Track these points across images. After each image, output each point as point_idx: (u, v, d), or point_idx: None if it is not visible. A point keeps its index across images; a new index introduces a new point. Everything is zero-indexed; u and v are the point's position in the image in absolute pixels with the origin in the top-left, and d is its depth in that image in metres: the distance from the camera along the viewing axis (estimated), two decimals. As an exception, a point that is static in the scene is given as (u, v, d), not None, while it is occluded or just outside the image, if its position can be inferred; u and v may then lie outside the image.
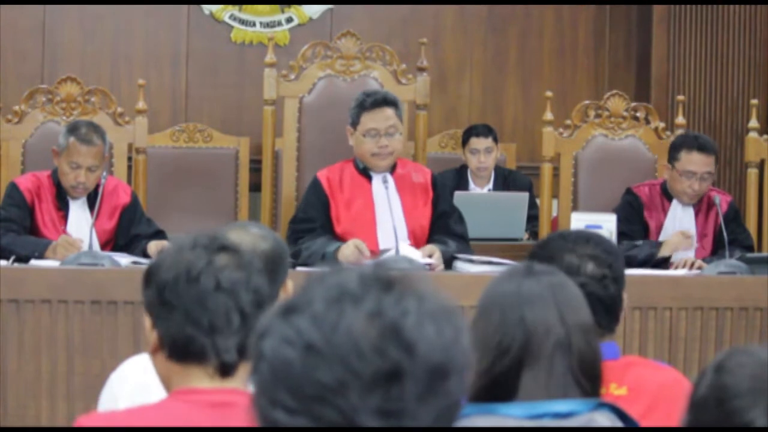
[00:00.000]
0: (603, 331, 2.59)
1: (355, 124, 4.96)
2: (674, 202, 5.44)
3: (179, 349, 2.11)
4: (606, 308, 2.59)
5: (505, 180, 6.75)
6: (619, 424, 2.06)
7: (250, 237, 2.77)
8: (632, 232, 5.36)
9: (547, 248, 2.63)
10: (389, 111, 4.94)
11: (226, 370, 2.11)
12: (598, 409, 2.05)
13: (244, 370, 2.10)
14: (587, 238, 2.65)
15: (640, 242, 5.29)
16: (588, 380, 2.08)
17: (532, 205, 6.30)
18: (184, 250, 2.13)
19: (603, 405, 2.06)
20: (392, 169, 5.00)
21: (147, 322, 2.15)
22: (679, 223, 5.43)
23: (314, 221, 4.94)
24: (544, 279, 2.12)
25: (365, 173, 5.00)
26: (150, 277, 2.14)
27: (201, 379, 2.12)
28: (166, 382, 2.17)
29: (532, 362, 2.04)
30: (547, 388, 2.05)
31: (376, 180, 4.98)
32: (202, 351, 2.10)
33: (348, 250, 4.72)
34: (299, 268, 4.62)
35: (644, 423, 2.54)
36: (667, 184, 5.44)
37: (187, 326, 2.09)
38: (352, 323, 1.30)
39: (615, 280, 2.61)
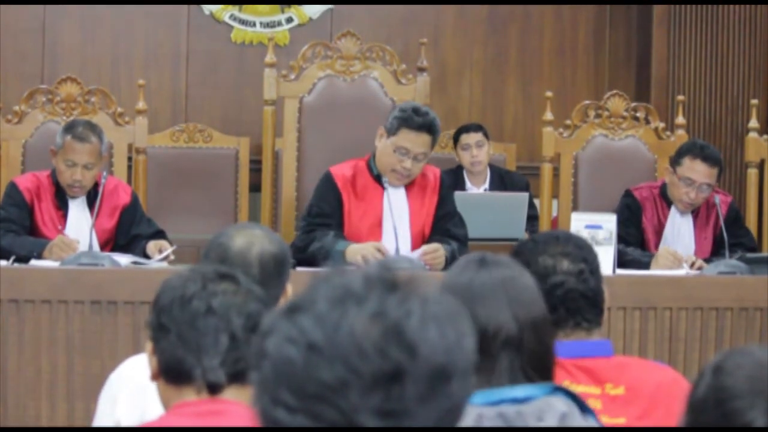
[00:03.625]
0: (590, 326, 2.58)
1: (390, 132, 4.86)
2: (673, 207, 5.43)
3: (172, 372, 2.17)
4: (590, 302, 2.57)
5: (501, 180, 6.75)
6: (575, 409, 2.08)
7: (257, 239, 2.78)
8: (628, 235, 5.33)
9: (521, 255, 2.61)
10: (428, 138, 4.85)
11: (213, 390, 2.14)
12: (553, 394, 2.07)
13: (233, 391, 2.14)
14: (556, 236, 2.64)
15: (630, 249, 5.24)
16: (538, 374, 2.10)
17: (530, 206, 6.30)
18: (182, 279, 2.20)
19: (558, 389, 2.08)
20: None
21: (149, 347, 2.19)
22: (678, 228, 5.41)
23: (329, 217, 4.89)
24: (496, 272, 2.13)
25: (378, 180, 4.95)
26: (153, 304, 2.21)
27: (188, 396, 2.16)
28: (166, 405, 2.21)
29: (484, 359, 2.05)
30: (491, 383, 2.06)
31: (389, 188, 4.93)
32: (190, 371, 2.15)
33: (366, 253, 4.66)
34: (299, 269, 4.62)
35: (644, 423, 2.54)
36: (667, 188, 5.42)
37: (179, 348, 2.16)
38: (354, 323, 1.31)
39: (592, 272, 2.59)
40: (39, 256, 4.72)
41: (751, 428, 1.57)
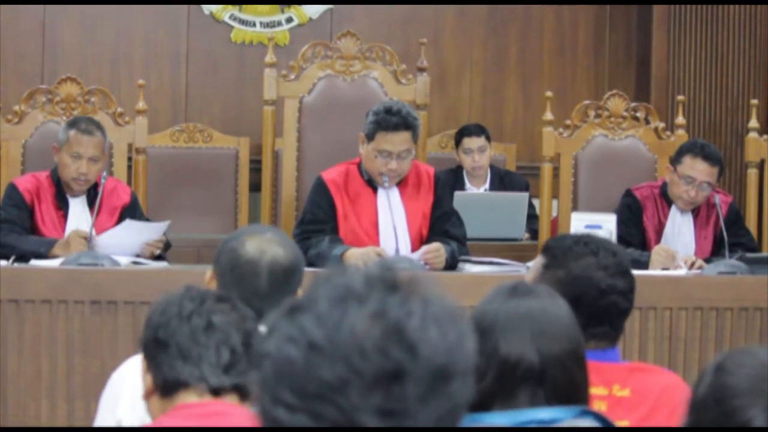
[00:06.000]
0: (618, 337, 2.62)
1: (369, 137, 4.82)
2: (673, 207, 5.42)
3: (170, 385, 2.16)
4: (626, 317, 2.62)
5: (501, 180, 6.75)
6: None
7: (269, 246, 2.75)
8: (629, 236, 5.33)
9: (577, 264, 2.61)
10: (406, 134, 4.79)
11: (215, 392, 2.14)
12: (581, 416, 2.05)
13: (234, 400, 2.13)
14: (613, 252, 2.64)
15: (630, 250, 5.24)
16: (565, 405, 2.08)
17: (529, 205, 6.31)
18: (178, 297, 2.21)
19: (586, 412, 2.06)
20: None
21: (143, 365, 2.19)
22: (678, 227, 5.41)
23: (324, 223, 4.86)
24: (525, 303, 2.10)
25: (370, 183, 4.93)
26: (147, 322, 2.21)
27: (189, 398, 2.15)
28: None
29: (504, 389, 2.04)
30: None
31: (382, 190, 4.91)
32: (189, 380, 2.15)
33: (367, 258, 4.65)
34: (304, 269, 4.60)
35: (647, 424, 2.55)
36: (667, 186, 5.42)
37: (178, 361, 2.15)
38: (355, 322, 1.30)
39: (633, 289, 2.65)
40: (46, 252, 4.73)
41: (751, 427, 1.57)
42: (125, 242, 4.76)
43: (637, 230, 5.40)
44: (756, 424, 1.57)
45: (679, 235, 5.40)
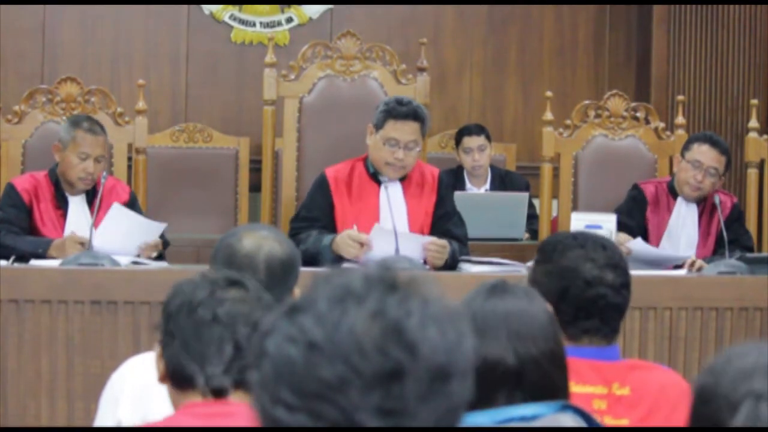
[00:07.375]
0: (613, 335, 2.61)
1: (378, 126, 4.88)
2: (679, 199, 5.45)
3: (176, 377, 2.19)
4: (620, 314, 2.62)
5: (502, 180, 6.75)
6: (583, 424, 2.07)
7: (266, 242, 2.76)
8: (628, 228, 5.37)
9: (565, 256, 2.61)
10: (415, 125, 4.86)
11: (218, 394, 2.15)
12: (562, 411, 2.05)
13: (239, 396, 2.14)
14: (603, 245, 2.65)
15: None
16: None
17: (529, 205, 6.31)
18: (193, 284, 2.21)
19: (567, 407, 2.07)
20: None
21: (158, 350, 2.20)
22: (682, 221, 5.44)
23: (317, 220, 4.90)
24: (503, 304, 2.10)
25: (375, 178, 4.96)
26: (164, 307, 2.22)
27: (195, 398, 2.17)
28: (175, 407, 2.23)
29: (482, 391, 2.05)
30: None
31: (384, 187, 4.94)
32: (191, 378, 2.16)
33: (342, 242, 4.69)
34: (302, 269, 4.60)
35: (647, 423, 2.55)
36: (675, 177, 5.46)
37: (182, 355, 2.16)
38: (354, 322, 1.31)
39: (627, 285, 2.64)
40: (44, 253, 4.73)
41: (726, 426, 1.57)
42: (121, 237, 4.74)
43: (636, 223, 5.45)
44: (732, 422, 1.57)
45: (683, 227, 5.43)
